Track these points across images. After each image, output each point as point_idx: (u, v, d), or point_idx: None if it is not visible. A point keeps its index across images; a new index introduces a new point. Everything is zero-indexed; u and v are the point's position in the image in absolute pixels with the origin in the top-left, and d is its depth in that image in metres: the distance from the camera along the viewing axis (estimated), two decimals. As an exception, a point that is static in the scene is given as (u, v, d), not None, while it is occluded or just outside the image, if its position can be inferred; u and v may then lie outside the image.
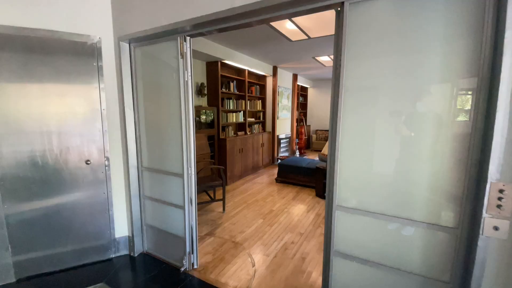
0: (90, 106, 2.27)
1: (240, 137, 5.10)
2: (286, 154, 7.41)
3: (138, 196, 2.48)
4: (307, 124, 9.49)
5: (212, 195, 4.02)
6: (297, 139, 7.92)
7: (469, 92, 1.16)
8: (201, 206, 3.68)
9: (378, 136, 1.34)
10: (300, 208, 3.66)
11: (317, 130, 9.30)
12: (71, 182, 2.27)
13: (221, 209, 3.58)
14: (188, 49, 2.01)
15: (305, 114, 9.51)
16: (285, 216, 3.40)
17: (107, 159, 2.37)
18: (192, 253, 2.25)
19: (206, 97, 4.70)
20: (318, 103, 9.45)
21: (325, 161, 4.15)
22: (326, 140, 8.89)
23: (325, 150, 4.17)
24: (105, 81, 2.30)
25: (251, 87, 5.90)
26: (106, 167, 2.38)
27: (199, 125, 4.49)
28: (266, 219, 3.30)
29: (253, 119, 6.01)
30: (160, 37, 2.08)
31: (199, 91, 4.46)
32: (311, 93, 9.56)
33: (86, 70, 2.24)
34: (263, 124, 6.46)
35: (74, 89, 2.21)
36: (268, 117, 6.50)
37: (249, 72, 5.76)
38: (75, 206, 2.32)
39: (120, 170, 2.45)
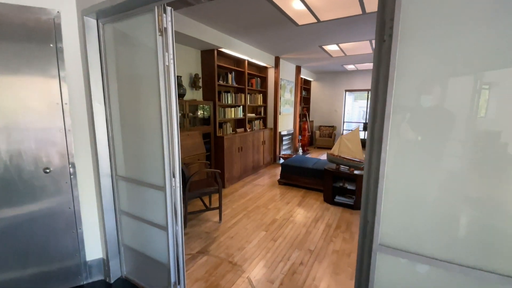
0: (47, 99, 1.79)
1: (239, 135, 4.62)
2: (288, 152, 6.95)
3: (113, 211, 2.01)
4: (310, 119, 9.00)
5: (207, 202, 3.57)
6: (300, 136, 7.45)
7: None
8: (195, 215, 3.22)
9: (453, 144, 0.87)
10: (307, 217, 3.22)
11: (320, 126, 8.82)
12: (26, 195, 1.80)
13: (217, 218, 3.13)
14: (169, 23, 1.52)
15: (308, 109, 9.02)
16: (290, 227, 2.95)
17: (72, 165, 1.90)
18: (179, 283, 1.80)
19: (201, 90, 4.21)
20: (322, 98, 8.94)
21: (335, 163, 3.70)
22: (330, 137, 8.42)
23: (335, 150, 3.72)
24: (66, 68, 1.82)
25: (251, 79, 5.40)
26: (72, 176, 1.91)
27: (193, 122, 4.00)
28: (269, 231, 2.86)
29: (253, 115, 5.52)
30: (134, 8, 1.58)
31: (193, 83, 3.96)
32: (314, 86, 9.05)
33: (41, 54, 1.75)
34: (264, 120, 5.98)
35: (25, 78, 1.72)
36: (270, 112, 6.01)
37: (249, 63, 5.25)
38: (33, 224, 1.85)
39: (89, 179, 1.98)
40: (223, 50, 4.11)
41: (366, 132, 8.31)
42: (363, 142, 4.67)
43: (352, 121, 8.83)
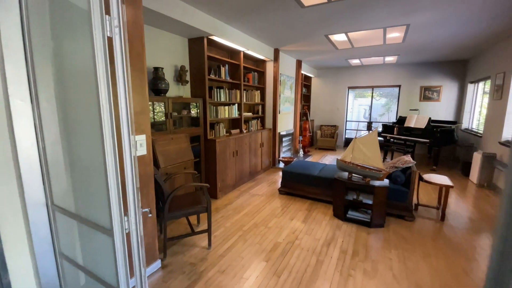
0: None
1: (234, 137, 4.04)
2: (289, 154, 6.38)
3: (51, 254, 1.42)
4: (310, 118, 8.44)
5: (194, 220, 2.99)
6: (300, 137, 6.89)
7: None
8: (176, 241, 2.62)
9: None
10: (316, 239, 2.65)
11: (322, 126, 8.25)
12: None
13: (206, 243, 2.55)
14: (112, -33, 0.93)
15: (308, 107, 8.45)
16: (297, 254, 2.38)
17: (-14, 192, 1.30)
18: None
19: (188, 85, 3.60)
20: (323, 95, 8.37)
21: (347, 171, 3.13)
22: (333, 137, 7.87)
23: (347, 155, 3.16)
24: (-30, 46, 1.21)
25: (248, 74, 4.80)
26: (-15, 207, 1.31)
27: (178, 123, 3.40)
28: (271, 260, 2.29)
29: (250, 114, 4.93)
30: None
31: (178, 77, 3.36)
32: (315, 83, 8.48)
33: None
34: (262, 119, 5.39)
35: None
36: (268, 111, 5.43)
37: (245, 56, 4.65)
38: None
39: (15, 210, 1.38)
40: (214, 38, 3.51)
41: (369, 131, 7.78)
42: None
43: (353, 120, 8.29)
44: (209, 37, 3.44)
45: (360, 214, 3.05)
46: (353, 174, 3.11)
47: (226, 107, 4.07)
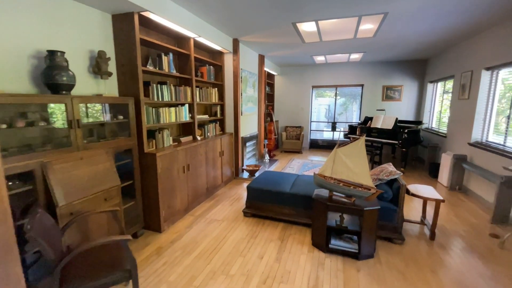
0: None
1: (185, 147, 3.14)
2: (253, 161, 5.67)
3: None
4: (275, 119, 7.86)
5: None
6: (265, 140, 6.23)
7: None
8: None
9: None
10: (296, 285, 1.96)
11: (287, 127, 7.74)
12: None
13: (135, 320, 1.66)
14: None
15: (272, 108, 7.85)
16: (272, 323, 1.65)
17: None
18: None
19: (113, 79, 2.60)
20: (287, 94, 7.86)
21: (328, 188, 2.51)
22: (298, 139, 7.40)
23: (326, 169, 2.55)
24: None
25: (201, 67, 3.93)
26: None
27: (97, 133, 2.40)
28: None
29: (206, 117, 4.06)
30: None
31: (96, 67, 2.35)
32: (278, 81, 7.92)
33: None
34: (222, 122, 4.56)
35: None
36: (229, 112, 4.62)
37: (198, 45, 3.78)
38: None
39: None
40: (150, 16, 2.58)
41: (336, 134, 7.52)
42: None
43: (316, 120, 7.94)
44: (142, 13, 2.50)
45: (345, 244, 2.45)
46: (334, 192, 2.50)
47: (173, 109, 3.15)
